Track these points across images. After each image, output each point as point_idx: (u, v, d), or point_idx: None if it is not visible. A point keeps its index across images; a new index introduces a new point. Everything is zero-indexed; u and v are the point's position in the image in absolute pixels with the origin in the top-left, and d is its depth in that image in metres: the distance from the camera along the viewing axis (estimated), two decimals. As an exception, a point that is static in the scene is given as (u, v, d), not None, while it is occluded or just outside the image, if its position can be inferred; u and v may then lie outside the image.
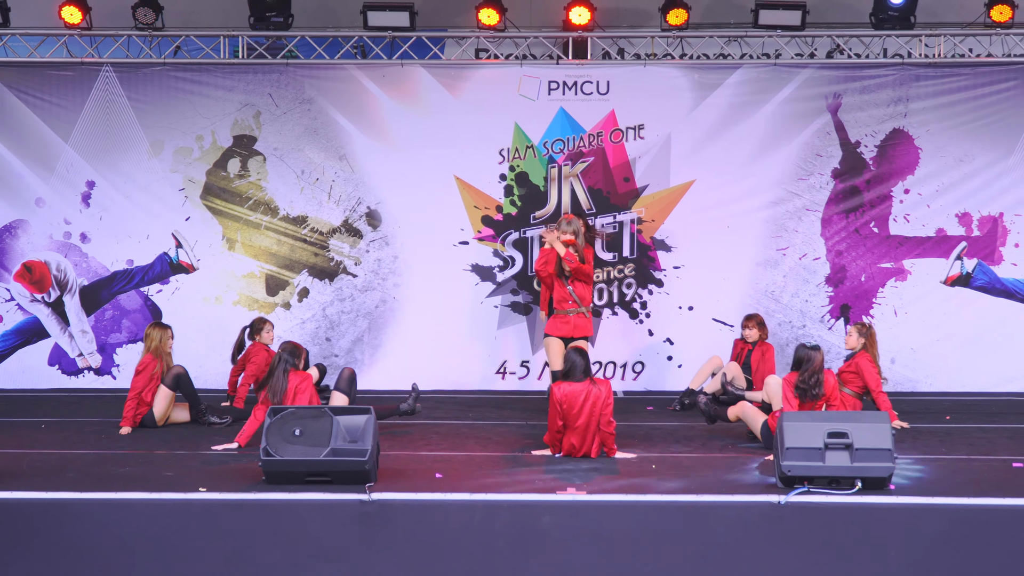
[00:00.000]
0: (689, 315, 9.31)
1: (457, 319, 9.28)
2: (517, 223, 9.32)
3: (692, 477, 6.40)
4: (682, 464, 6.73)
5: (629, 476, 6.40)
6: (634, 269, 9.34)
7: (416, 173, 9.25)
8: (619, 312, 9.32)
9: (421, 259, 9.30)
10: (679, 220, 9.33)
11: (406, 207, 9.28)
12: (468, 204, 9.32)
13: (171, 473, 6.37)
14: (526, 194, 9.30)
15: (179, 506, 5.84)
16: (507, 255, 9.37)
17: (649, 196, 9.29)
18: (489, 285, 9.35)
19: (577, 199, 9.33)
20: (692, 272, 9.34)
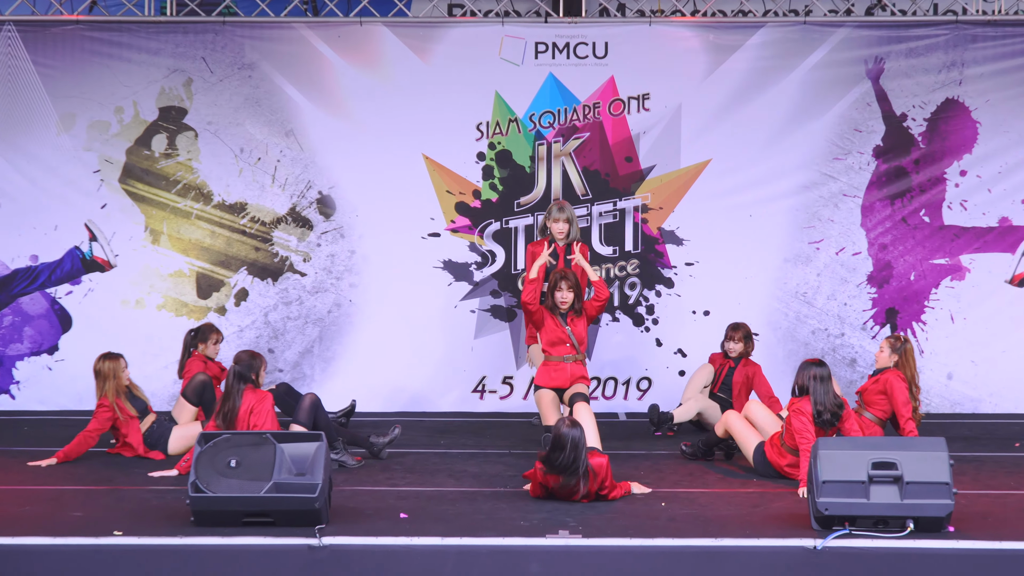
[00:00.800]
0: (705, 322, 9.22)
1: (426, 327, 9.22)
2: (498, 211, 9.23)
3: (709, 516, 6.26)
4: (697, 501, 6.61)
5: (634, 516, 6.25)
6: (638, 266, 9.27)
7: (377, 152, 9.17)
8: (620, 318, 9.24)
9: (383, 255, 9.22)
10: (692, 208, 9.25)
11: (365, 192, 9.19)
12: (439, 189, 9.25)
13: (80, 513, 6.22)
14: (509, 176, 9.23)
15: (89, 553, 5.67)
16: (486, 250, 9.29)
17: (656, 179, 9.23)
18: (464, 286, 9.27)
19: (570, 183, 9.27)
20: (708, 270, 9.26)
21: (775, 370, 8.96)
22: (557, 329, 7.48)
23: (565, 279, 7.46)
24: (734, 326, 8.27)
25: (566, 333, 7.45)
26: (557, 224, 7.83)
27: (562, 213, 7.81)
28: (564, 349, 7.45)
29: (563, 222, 7.83)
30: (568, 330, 7.48)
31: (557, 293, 7.50)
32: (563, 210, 7.83)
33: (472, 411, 9.15)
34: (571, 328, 7.49)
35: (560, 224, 7.83)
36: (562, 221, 7.82)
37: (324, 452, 6.12)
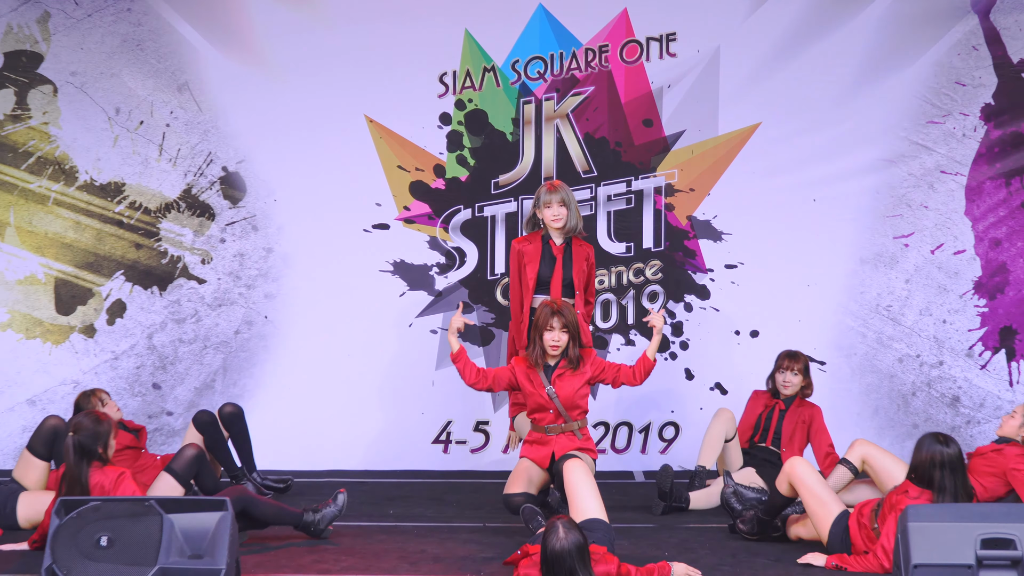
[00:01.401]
0: (752, 346, 9.17)
1: (370, 353, 9.14)
2: (469, 194, 9.15)
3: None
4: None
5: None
6: (661, 270, 9.13)
7: (304, 113, 9.12)
8: (637, 340, 9.11)
9: (310, 254, 9.19)
10: (735, 190, 9.17)
11: (286, 169, 9.16)
12: (388, 163, 9.15)
13: None
14: (484, 147, 9.13)
15: None
16: (452, 246, 9.16)
17: (685, 150, 9.12)
18: (423, 296, 9.17)
19: (567, 155, 9.10)
20: (756, 275, 9.20)
21: (846, 412, 9.01)
22: (535, 390, 7.30)
23: (558, 315, 7.25)
24: (790, 355, 8.13)
25: (546, 397, 7.25)
26: (549, 210, 7.69)
27: (554, 194, 7.68)
28: (547, 417, 7.32)
29: (557, 205, 7.69)
30: (550, 391, 7.26)
31: (547, 334, 7.30)
32: (556, 190, 7.69)
33: (433, 469, 9.05)
34: (555, 389, 7.28)
35: (553, 209, 7.68)
36: (556, 204, 7.68)
37: (230, 526, 6.01)
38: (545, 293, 7.69)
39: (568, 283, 7.68)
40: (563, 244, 7.74)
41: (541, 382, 7.28)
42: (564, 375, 7.28)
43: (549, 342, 7.22)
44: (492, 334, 9.15)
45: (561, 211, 7.68)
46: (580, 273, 7.75)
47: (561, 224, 7.70)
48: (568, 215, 7.68)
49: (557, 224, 7.70)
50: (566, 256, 7.72)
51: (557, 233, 7.72)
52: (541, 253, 7.72)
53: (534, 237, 7.81)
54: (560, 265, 7.71)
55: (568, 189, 7.77)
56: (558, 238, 7.73)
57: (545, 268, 7.67)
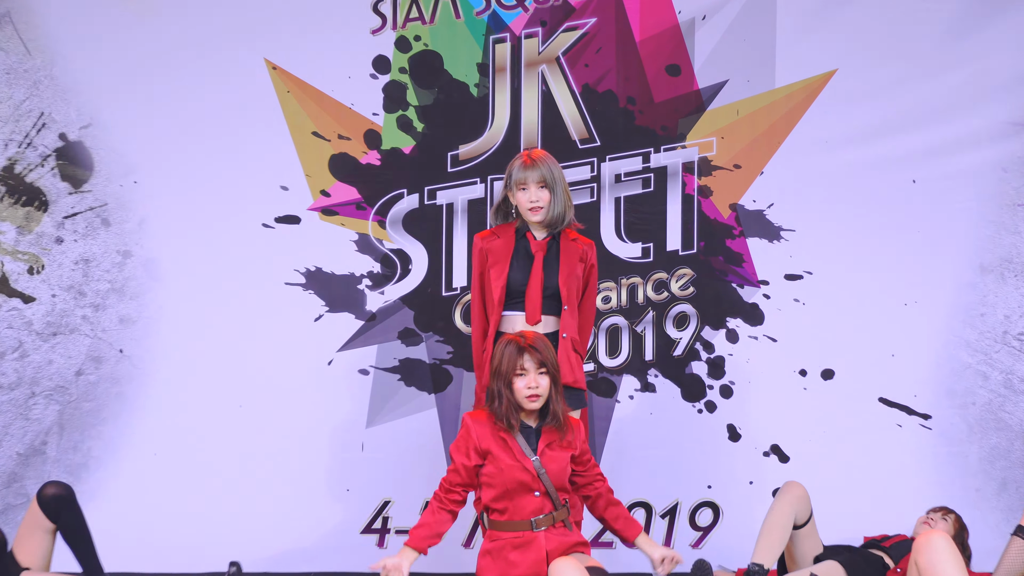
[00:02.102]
0: (823, 391, 8.38)
1: (272, 403, 8.43)
2: (416, 173, 8.43)
3: None
4: None
5: None
6: (692, 282, 8.04)
7: (178, 57, 8.45)
8: (658, 383, 8.36)
9: (186, 259, 8.50)
10: (798, 167, 8.48)
11: (152, 137, 8.50)
12: (299, 128, 8.42)
13: None
14: (438, 105, 8.49)
15: None
16: (391, 248, 8.18)
17: (728, 110, 8.47)
18: (348, 320, 8.42)
19: (558, 116, 8.40)
20: (830, 289, 8.47)
21: (960, 487, 8.24)
22: (514, 462, 6.37)
23: (532, 350, 6.41)
24: (946, 512, 7.52)
25: (532, 472, 6.32)
26: (525, 192, 6.84)
27: (532, 171, 6.86)
28: (529, 504, 6.34)
29: (536, 187, 6.82)
30: (537, 464, 6.27)
31: (517, 380, 6.34)
32: (535, 165, 6.88)
33: (363, 571, 7.70)
34: (541, 459, 6.35)
35: (531, 191, 6.83)
36: (533, 185, 6.82)
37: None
38: (518, 309, 6.88)
39: (553, 295, 6.86)
40: (546, 239, 6.89)
41: (521, 450, 6.32)
42: (553, 443, 6.40)
43: (524, 391, 6.29)
44: (448, 375, 8.19)
45: (542, 195, 6.84)
46: (572, 280, 6.96)
47: (541, 214, 6.87)
48: (552, 200, 6.88)
49: (536, 214, 6.88)
50: (550, 255, 6.89)
51: (537, 226, 6.90)
52: (513, 250, 6.91)
53: (504, 230, 6.98)
54: (540, 267, 6.87)
55: (554, 163, 6.95)
56: (539, 231, 6.89)
57: (517, 272, 6.91)
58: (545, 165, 6.98)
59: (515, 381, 6.30)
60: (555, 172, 6.99)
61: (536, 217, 6.88)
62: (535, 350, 6.31)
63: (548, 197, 6.90)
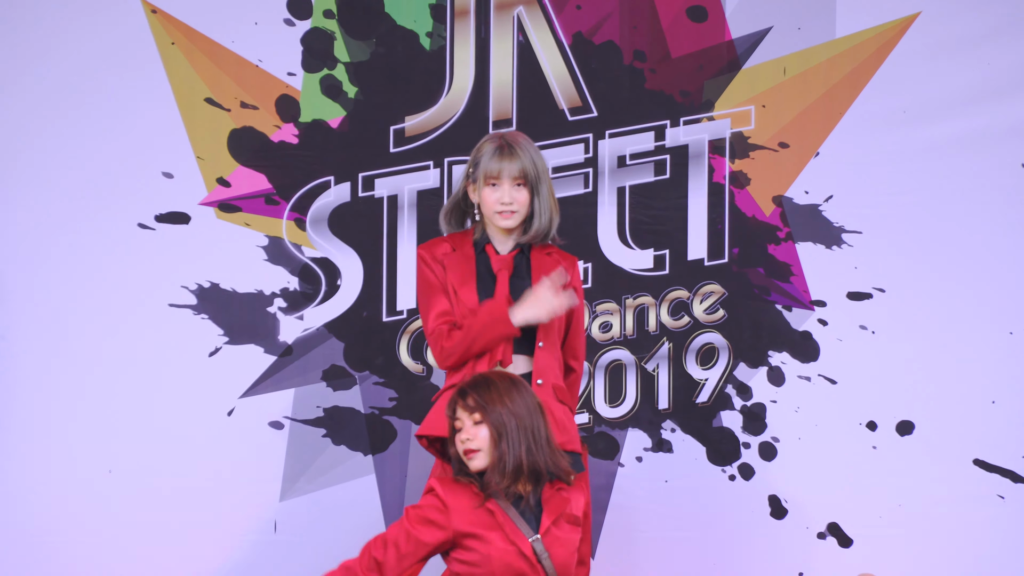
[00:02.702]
0: (898, 449, 7.27)
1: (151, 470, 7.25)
2: (347, 154, 7.37)
3: None
4: None
5: None
6: (723, 301, 7.03)
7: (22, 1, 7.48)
8: (676, 440, 7.40)
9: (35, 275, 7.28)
10: (865, 147, 7.34)
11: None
12: (188, 93, 7.30)
13: None
14: (375, 61, 7.41)
15: None
16: (312, 257, 7.16)
17: (771, 68, 7.42)
18: (256, 355, 7.35)
19: (541, 79, 7.30)
20: (908, 313, 7.34)
21: None
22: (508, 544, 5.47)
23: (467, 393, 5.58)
24: None
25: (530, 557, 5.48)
26: (494, 190, 5.89)
27: (510, 161, 5.91)
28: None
29: (511, 183, 5.90)
30: (538, 547, 5.44)
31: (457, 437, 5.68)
32: (513, 154, 5.92)
33: None
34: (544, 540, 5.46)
35: (504, 189, 5.89)
36: (508, 181, 5.88)
37: None
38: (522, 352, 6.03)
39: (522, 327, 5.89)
40: (513, 252, 5.93)
41: (516, 528, 5.38)
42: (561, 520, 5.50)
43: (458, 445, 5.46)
44: (391, 429, 7.15)
45: (518, 195, 5.87)
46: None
47: (514, 220, 5.89)
48: (535, 205, 5.90)
49: (507, 220, 5.89)
50: (519, 275, 5.94)
51: (503, 235, 5.91)
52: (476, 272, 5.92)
53: (460, 241, 6.03)
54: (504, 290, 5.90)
55: (537, 152, 5.93)
56: (504, 242, 5.92)
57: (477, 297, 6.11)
58: (527, 154, 5.96)
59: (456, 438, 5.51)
60: (539, 165, 5.98)
61: (508, 222, 5.91)
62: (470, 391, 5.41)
63: (526, 199, 5.92)
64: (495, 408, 5.36)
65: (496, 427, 5.31)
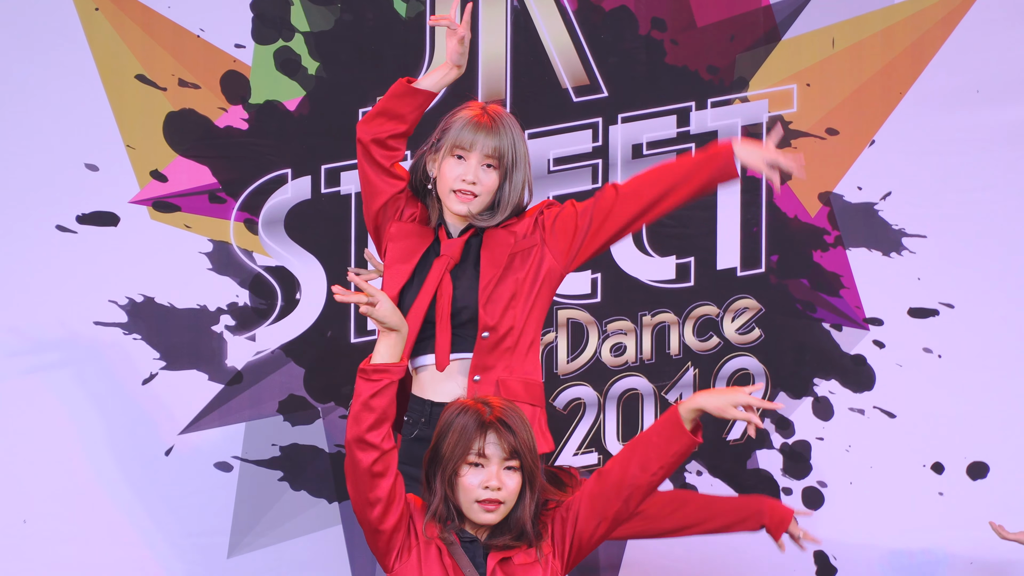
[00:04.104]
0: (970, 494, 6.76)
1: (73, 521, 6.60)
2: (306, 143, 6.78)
3: None
4: None
5: None
6: (759, 319, 6.79)
7: None
8: (703, 484, 7.04)
9: None
10: (929, 135, 6.82)
11: None
12: (116, 72, 6.72)
13: None
14: (341, 30, 6.89)
15: None
16: (265, 265, 6.71)
17: (817, 39, 6.93)
18: (199, 383, 6.78)
19: (540, 52, 6.70)
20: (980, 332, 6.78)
21: None
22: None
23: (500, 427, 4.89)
24: None
25: None
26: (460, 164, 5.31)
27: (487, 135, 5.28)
28: None
29: (480, 160, 5.27)
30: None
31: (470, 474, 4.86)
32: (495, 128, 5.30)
33: None
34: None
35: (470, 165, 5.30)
36: (477, 157, 5.28)
37: None
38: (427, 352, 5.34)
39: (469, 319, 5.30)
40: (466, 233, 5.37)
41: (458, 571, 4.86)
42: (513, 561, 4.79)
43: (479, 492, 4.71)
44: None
45: (487, 178, 5.23)
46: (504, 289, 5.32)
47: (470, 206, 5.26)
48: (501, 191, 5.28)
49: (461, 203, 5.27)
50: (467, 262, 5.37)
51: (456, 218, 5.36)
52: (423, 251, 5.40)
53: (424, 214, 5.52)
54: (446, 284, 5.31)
55: (521, 133, 5.30)
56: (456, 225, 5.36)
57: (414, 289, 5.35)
58: (508, 133, 5.28)
59: (464, 473, 4.70)
60: (519, 149, 5.31)
61: (460, 207, 5.26)
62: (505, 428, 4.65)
63: (494, 184, 5.23)
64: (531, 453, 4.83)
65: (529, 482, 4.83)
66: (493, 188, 5.31)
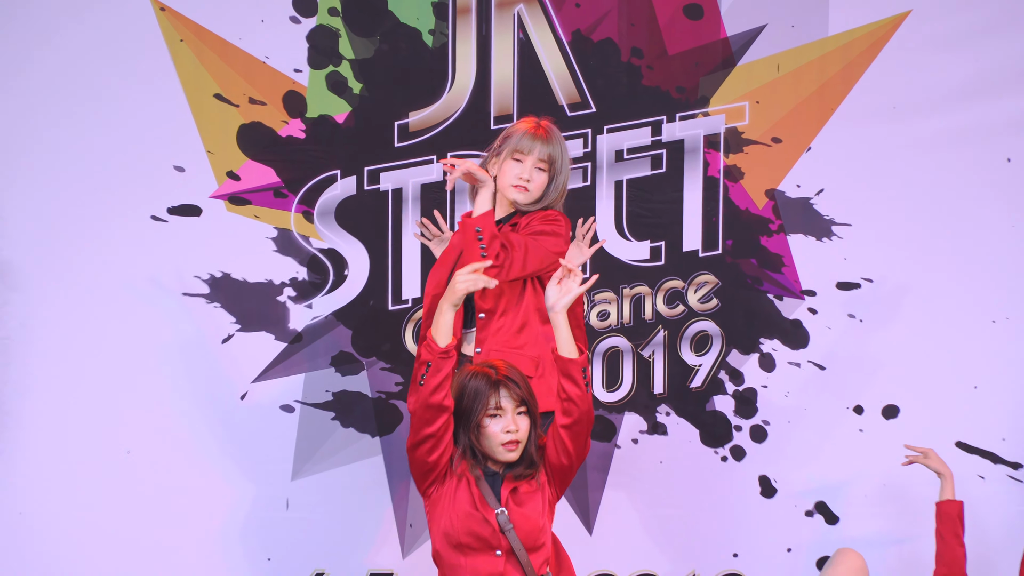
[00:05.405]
0: (884, 432, 7.53)
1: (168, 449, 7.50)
2: (352, 148, 7.56)
3: None
4: None
5: None
6: (717, 291, 7.30)
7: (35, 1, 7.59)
8: (671, 423, 7.63)
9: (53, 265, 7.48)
10: (855, 142, 7.62)
11: (5, 108, 7.45)
12: (198, 89, 7.49)
13: None
14: (379, 57, 7.59)
15: None
16: (320, 248, 7.38)
17: (765, 65, 7.66)
18: (265, 341, 7.63)
19: (541, 77, 7.52)
20: (896, 302, 7.66)
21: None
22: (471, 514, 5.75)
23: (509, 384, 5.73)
24: None
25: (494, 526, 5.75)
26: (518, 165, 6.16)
27: (542, 143, 6.22)
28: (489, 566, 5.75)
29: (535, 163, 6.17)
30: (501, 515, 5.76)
31: (490, 422, 5.72)
32: (549, 139, 6.25)
33: None
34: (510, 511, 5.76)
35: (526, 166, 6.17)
36: (532, 160, 6.15)
37: None
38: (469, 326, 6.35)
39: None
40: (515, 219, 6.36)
41: (483, 498, 5.65)
42: (520, 489, 5.70)
43: (502, 437, 5.55)
44: (397, 413, 7.50)
45: (538, 177, 6.18)
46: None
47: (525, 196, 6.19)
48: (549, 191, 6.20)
49: (519, 192, 6.20)
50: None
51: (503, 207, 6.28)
52: None
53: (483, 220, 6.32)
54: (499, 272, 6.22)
55: (565, 145, 6.30)
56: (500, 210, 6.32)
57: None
58: (557, 144, 6.31)
59: (487, 423, 5.59)
60: (564, 158, 6.34)
61: (518, 195, 6.24)
62: (513, 384, 5.60)
63: (543, 183, 6.24)
64: (533, 402, 5.69)
65: (533, 419, 5.66)
66: (542, 186, 6.27)
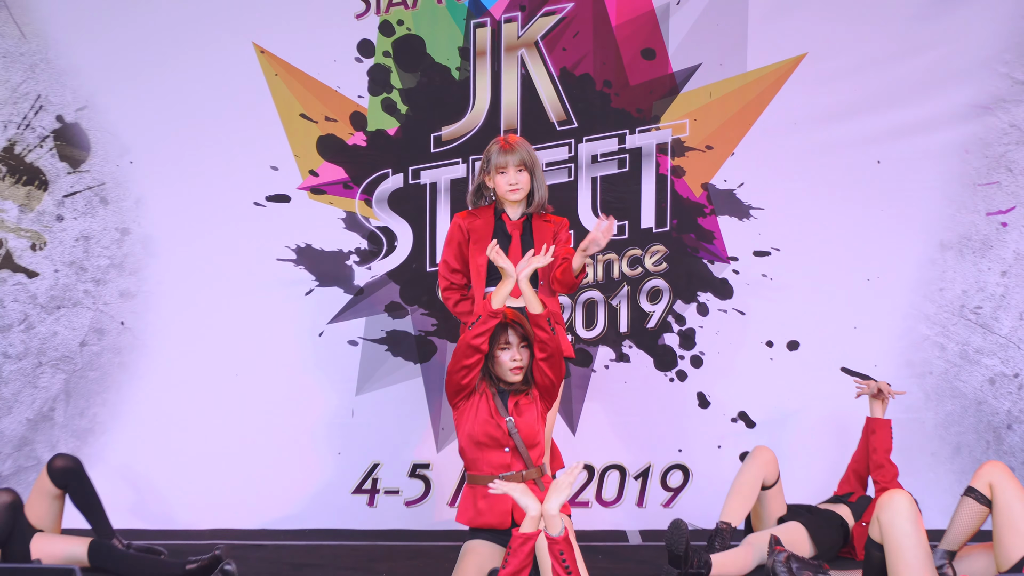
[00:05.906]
0: (789, 361, 8.53)
1: (266, 372, 8.53)
2: (400, 153, 8.45)
3: None
4: None
5: None
6: (666, 258, 8.24)
7: (170, 41, 8.39)
8: (632, 354, 8.42)
9: (181, 236, 8.53)
10: (768, 148, 8.52)
11: (146, 119, 8.46)
12: (288, 110, 8.42)
13: None
14: (421, 88, 8.48)
15: None
16: (377, 226, 8.26)
17: (701, 92, 8.48)
18: (337, 294, 8.54)
19: (537, 100, 8.41)
20: (797, 264, 8.56)
21: (917, 451, 8.36)
22: (488, 420, 6.71)
23: (515, 326, 6.75)
24: None
25: (504, 430, 6.65)
26: (504, 176, 7.04)
27: (511, 155, 7.06)
28: (499, 458, 6.66)
29: (515, 170, 7.05)
30: (509, 422, 6.64)
31: (501, 353, 6.72)
32: (514, 149, 7.08)
33: (355, 528, 8.46)
34: (515, 419, 6.68)
35: (510, 175, 7.04)
36: (513, 169, 7.03)
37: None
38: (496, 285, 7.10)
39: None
40: (521, 219, 7.15)
41: (497, 409, 6.71)
42: (520, 402, 6.76)
43: (509, 363, 6.68)
44: (432, 346, 8.26)
45: (521, 178, 7.07)
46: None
47: (519, 194, 7.10)
48: (533, 183, 7.10)
49: (515, 195, 7.10)
50: (525, 234, 7.15)
51: (514, 206, 7.13)
52: (493, 231, 7.17)
53: (483, 211, 7.25)
54: (518, 245, 7.10)
55: (529, 146, 7.22)
56: (515, 211, 7.14)
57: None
58: (523, 149, 7.14)
59: (499, 354, 6.67)
60: (532, 155, 7.17)
61: (516, 196, 7.05)
62: (517, 325, 6.63)
63: (527, 179, 7.09)
64: (532, 338, 6.71)
65: (531, 351, 6.69)
66: (528, 182, 7.13)
